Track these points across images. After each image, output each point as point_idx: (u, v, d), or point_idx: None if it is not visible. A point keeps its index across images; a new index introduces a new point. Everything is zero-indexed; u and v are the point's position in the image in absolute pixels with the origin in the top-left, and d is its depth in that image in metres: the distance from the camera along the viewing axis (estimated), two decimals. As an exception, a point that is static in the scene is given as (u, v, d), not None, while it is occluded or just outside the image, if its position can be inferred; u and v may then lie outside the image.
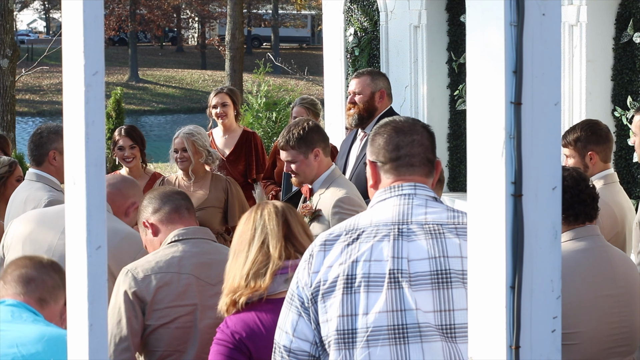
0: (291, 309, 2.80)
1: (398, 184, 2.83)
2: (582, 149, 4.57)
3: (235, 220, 6.30)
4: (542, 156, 2.01)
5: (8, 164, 5.65)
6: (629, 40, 6.39)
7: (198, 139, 6.25)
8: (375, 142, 2.90)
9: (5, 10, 12.98)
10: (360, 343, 2.68)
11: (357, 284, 2.70)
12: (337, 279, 2.72)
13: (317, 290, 2.75)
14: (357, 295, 2.70)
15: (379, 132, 2.91)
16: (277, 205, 3.33)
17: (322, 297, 2.74)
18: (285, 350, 2.79)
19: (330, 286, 2.73)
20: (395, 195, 2.81)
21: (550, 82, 2.02)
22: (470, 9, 2.06)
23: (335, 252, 2.76)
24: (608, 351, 3.63)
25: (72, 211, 2.21)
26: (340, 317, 2.71)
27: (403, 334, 2.67)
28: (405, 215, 2.77)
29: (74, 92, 2.19)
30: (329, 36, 9.17)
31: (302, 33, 55.15)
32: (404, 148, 2.86)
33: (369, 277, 2.70)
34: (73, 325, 2.22)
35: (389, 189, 2.84)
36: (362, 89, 5.68)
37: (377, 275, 2.70)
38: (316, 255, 2.78)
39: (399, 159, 2.84)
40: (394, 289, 2.68)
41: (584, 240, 3.68)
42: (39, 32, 60.41)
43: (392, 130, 2.88)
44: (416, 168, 2.85)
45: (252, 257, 3.23)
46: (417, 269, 2.70)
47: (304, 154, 4.76)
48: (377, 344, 2.67)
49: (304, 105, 7.03)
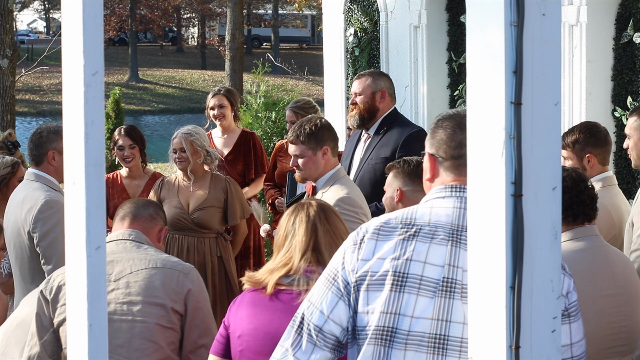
0: (331, 289, 2.68)
1: (459, 184, 2.71)
2: (579, 151, 4.57)
3: (235, 219, 6.30)
4: (542, 156, 2.02)
5: (11, 164, 5.65)
6: (629, 40, 6.39)
7: (196, 139, 6.25)
8: (437, 135, 2.77)
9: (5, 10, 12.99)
10: (399, 344, 2.60)
11: (408, 284, 2.61)
12: (388, 273, 2.62)
13: (363, 279, 2.64)
14: (406, 296, 2.61)
15: (440, 125, 2.78)
16: (312, 210, 3.39)
17: (367, 288, 2.64)
18: (316, 329, 2.67)
19: (379, 279, 2.63)
20: (455, 196, 2.69)
21: (550, 82, 2.02)
22: (470, 9, 2.06)
23: (390, 244, 2.65)
24: (607, 351, 3.63)
25: (71, 211, 2.20)
26: (383, 314, 2.61)
27: (443, 345, 2.59)
28: (462, 219, 2.65)
29: (74, 92, 2.19)
30: (329, 36, 9.17)
31: (302, 33, 55.17)
32: (466, 147, 2.81)
33: (421, 279, 2.61)
34: (73, 325, 2.22)
35: (449, 187, 2.71)
36: (363, 89, 5.69)
37: (430, 279, 2.61)
38: (367, 242, 2.67)
39: (461, 157, 2.68)
40: (444, 298, 2.59)
41: (583, 240, 3.68)
42: (39, 32, 60.43)
43: (457, 125, 2.74)
44: None
45: (277, 261, 3.36)
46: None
47: (313, 150, 4.79)
48: (414, 349, 2.59)
49: (292, 110, 7.02)
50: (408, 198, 4.12)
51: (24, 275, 5.14)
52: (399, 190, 4.14)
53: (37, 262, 5.08)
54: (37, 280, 5.10)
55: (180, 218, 6.23)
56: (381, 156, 5.50)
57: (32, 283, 5.12)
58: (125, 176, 6.63)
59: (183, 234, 6.24)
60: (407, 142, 5.47)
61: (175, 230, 6.25)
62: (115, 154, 6.59)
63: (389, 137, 5.57)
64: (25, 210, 5.07)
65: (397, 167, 4.21)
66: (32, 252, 5.08)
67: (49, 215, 5.02)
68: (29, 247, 5.08)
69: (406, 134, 5.53)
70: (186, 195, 6.28)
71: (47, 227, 5.01)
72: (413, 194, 4.11)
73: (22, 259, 5.14)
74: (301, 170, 4.85)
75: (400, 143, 5.49)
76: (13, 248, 5.17)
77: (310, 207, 3.40)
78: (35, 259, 5.08)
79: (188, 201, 6.26)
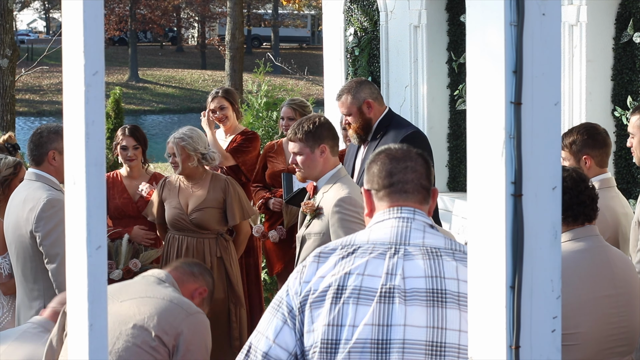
0: (277, 315, 2.80)
1: (397, 207, 2.85)
2: (577, 153, 4.56)
3: (234, 220, 6.30)
4: (542, 156, 2.02)
5: (13, 165, 5.65)
6: (629, 40, 6.39)
7: (188, 144, 6.18)
8: (370, 171, 2.94)
9: (5, 10, 12.99)
10: (342, 354, 2.69)
11: (347, 295, 2.72)
12: (328, 288, 2.74)
13: (305, 299, 2.76)
14: (346, 306, 2.71)
15: (374, 160, 2.95)
16: None
17: (310, 306, 2.74)
18: (262, 355, 2.77)
19: (319, 295, 2.74)
20: (393, 217, 2.84)
21: (550, 82, 2.02)
22: (470, 9, 2.06)
23: (329, 264, 2.78)
24: (607, 351, 3.63)
25: (72, 211, 2.21)
26: (327, 327, 2.71)
27: (385, 349, 2.68)
28: (403, 237, 2.79)
29: (74, 92, 2.19)
30: (329, 36, 9.17)
31: (302, 33, 55.15)
32: (396, 175, 2.89)
33: (360, 289, 2.72)
34: (73, 325, 2.22)
35: (387, 211, 2.86)
36: (348, 108, 5.65)
37: (369, 289, 2.72)
38: (309, 266, 2.80)
39: (392, 186, 2.87)
40: (383, 304, 2.70)
41: (583, 241, 3.68)
42: (39, 32, 60.40)
43: (386, 157, 2.92)
44: (410, 194, 2.87)
45: None
46: (413, 285, 2.71)
47: (310, 148, 4.79)
48: (358, 356, 2.68)
49: (291, 106, 7.03)
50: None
51: (25, 275, 5.15)
52: None
53: (39, 262, 5.08)
54: (39, 280, 5.10)
55: (179, 219, 6.23)
56: (379, 161, 5.50)
57: (34, 283, 5.12)
58: (126, 176, 6.62)
59: (183, 234, 6.25)
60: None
61: (175, 230, 6.26)
62: (118, 153, 6.59)
63: (385, 140, 5.56)
64: (27, 209, 5.07)
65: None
66: (35, 251, 5.08)
67: (51, 214, 5.03)
68: (31, 247, 5.08)
69: (402, 136, 5.52)
70: (186, 195, 6.28)
71: (50, 226, 5.02)
72: None
73: (24, 259, 5.14)
74: (300, 168, 4.85)
75: None
76: (14, 248, 5.17)
77: None
78: (38, 258, 5.08)
79: (187, 202, 6.26)
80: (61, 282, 4.92)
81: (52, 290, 5.05)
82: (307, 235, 4.81)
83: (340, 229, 4.61)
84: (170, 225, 6.29)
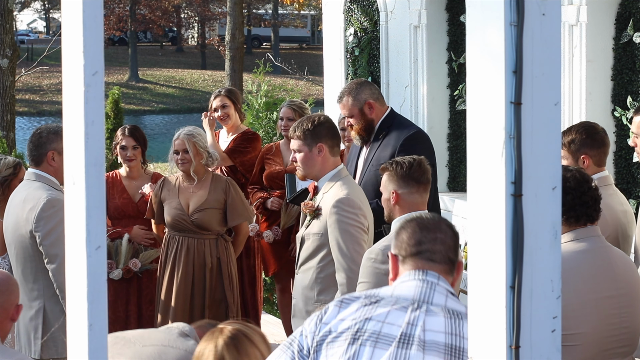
0: (286, 352, 2.84)
1: (422, 270, 2.88)
2: (575, 152, 4.56)
3: (234, 220, 6.30)
4: (542, 156, 2.01)
5: (13, 165, 5.65)
6: (629, 40, 6.39)
7: (199, 140, 6.24)
8: (399, 237, 2.96)
9: (5, 10, 12.99)
10: None
11: (365, 338, 2.75)
12: (347, 330, 2.77)
13: (323, 339, 2.79)
14: (362, 348, 2.74)
15: (404, 226, 2.97)
16: (221, 340, 3.05)
17: (327, 345, 2.78)
18: None
19: (337, 335, 2.78)
20: (418, 279, 2.86)
21: (550, 82, 2.02)
22: (470, 9, 2.06)
23: (351, 309, 2.82)
24: (608, 352, 3.63)
25: (71, 211, 2.20)
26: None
27: None
28: (426, 296, 2.82)
29: (74, 92, 2.19)
30: (329, 36, 9.17)
31: (302, 33, 55.15)
32: (425, 244, 2.91)
33: (379, 334, 2.75)
34: (73, 325, 2.22)
35: (412, 272, 2.88)
36: (349, 110, 5.65)
37: (388, 334, 2.75)
38: (332, 310, 2.84)
39: (420, 254, 2.90)
40: (402, 349, 2.72)
41: (585, 241, 3.68)
42: (39, 32, 60.40)
43: (417, 225, 2.94)
44: (436, 264, 2.89)
45: None
46: (433, 338, 2.74)
47: (308, 147, 4.80)
48: None
49: (291, 107, 7.04)
50: (404, 200, 4.18)
51: (25, 275, 5.14)
52: (395, 193, 4.18)
53: (39, 262, 5.08)
54: (39, 280, 5.11)
55: (180, 219, 6.22)
56: (381, 161, 5.49)
57: (34, 283, 5.12)
58: (125, 176, 6.62)
59: (183, 235, 6.24)
60: (405, 145, 5.46)
61: (175, 231, 6.25)
62: (117, 153, 6.59)
63: (387, 141, 5.57)
64: (27, 209, 5.07)
65: (389, 169, 4.24)
66: (35, 251, 5.08)
67: (51, 214, 5.03)
68: (31, 247, 5.08)
69: (404, 137, 5.52)
70: (186, 196, 6.27)
71: (50, 226, 5.02)
72: (409, 195, 4.17)
73: (24, 259, 5.14)
74: (299, 166, 4.86)
75: (398, 147, 5.48)
76: (14, 248, 5.17)
77: (221, 335, 3.10)
78: (38, 258, 5.08)
79: (188, 202, 6.25)
80: (61, 282, 4.92)
81: (51, 290, 5.05)
82: (306, 235, 4.81)
83: (337, 231, 4.62)
84: (170, 225, 6.28)
